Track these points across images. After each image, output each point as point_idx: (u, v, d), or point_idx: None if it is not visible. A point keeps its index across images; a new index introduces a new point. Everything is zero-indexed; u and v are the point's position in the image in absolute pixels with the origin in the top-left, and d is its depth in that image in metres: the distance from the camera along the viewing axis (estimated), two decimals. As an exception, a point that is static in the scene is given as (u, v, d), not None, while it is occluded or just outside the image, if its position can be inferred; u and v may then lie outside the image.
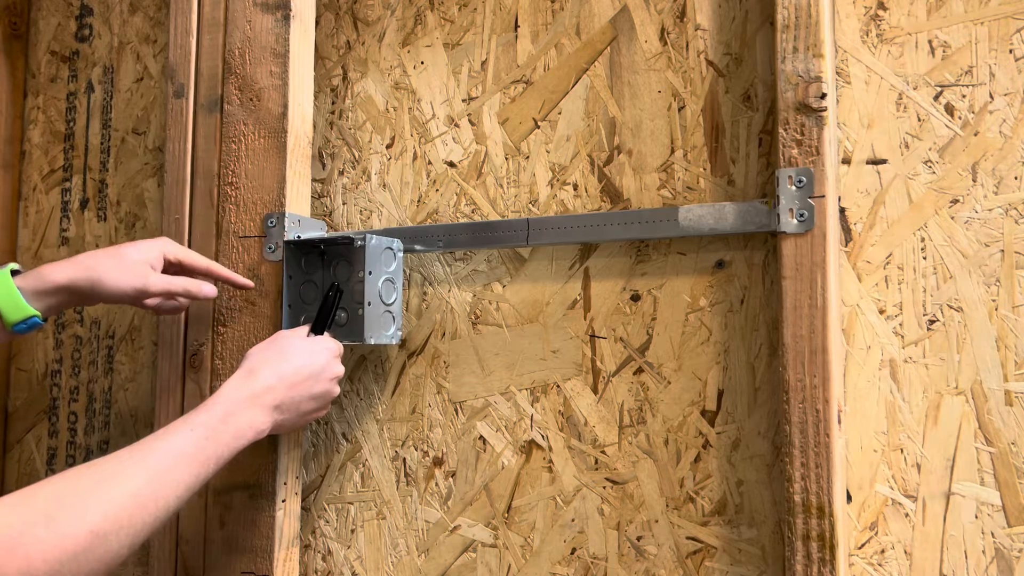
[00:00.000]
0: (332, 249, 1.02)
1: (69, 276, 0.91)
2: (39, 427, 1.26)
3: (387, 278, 0.99)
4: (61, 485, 0.69)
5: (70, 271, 0.91)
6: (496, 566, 0.98)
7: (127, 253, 0.94)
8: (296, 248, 1.01)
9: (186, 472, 0.76)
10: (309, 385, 0.90)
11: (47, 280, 0.90)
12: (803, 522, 0.80)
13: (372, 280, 0.97)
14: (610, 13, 0.98)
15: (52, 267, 0.91)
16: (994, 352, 0.81)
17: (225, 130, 1.07)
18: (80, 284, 0.91)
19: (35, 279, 0.90)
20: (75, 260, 0.93)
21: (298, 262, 1.01)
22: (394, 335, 1.00)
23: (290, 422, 0.89)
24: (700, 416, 0.91)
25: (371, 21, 1.11)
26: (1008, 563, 0.79)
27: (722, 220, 0.88)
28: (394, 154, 1.09)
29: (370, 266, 0.97)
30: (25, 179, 1.32)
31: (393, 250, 1.00)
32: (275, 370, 0.87)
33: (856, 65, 0.87)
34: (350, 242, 0.98)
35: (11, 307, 0.89)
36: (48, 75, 1.31)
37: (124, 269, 0.92)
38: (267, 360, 0.88)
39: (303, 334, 0.93)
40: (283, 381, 0.87)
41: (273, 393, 0.86)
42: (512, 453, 0.99)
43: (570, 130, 0.99)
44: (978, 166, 0.83)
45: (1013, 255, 0.81)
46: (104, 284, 0.91)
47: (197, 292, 0.97)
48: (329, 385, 0.92)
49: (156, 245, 0.96)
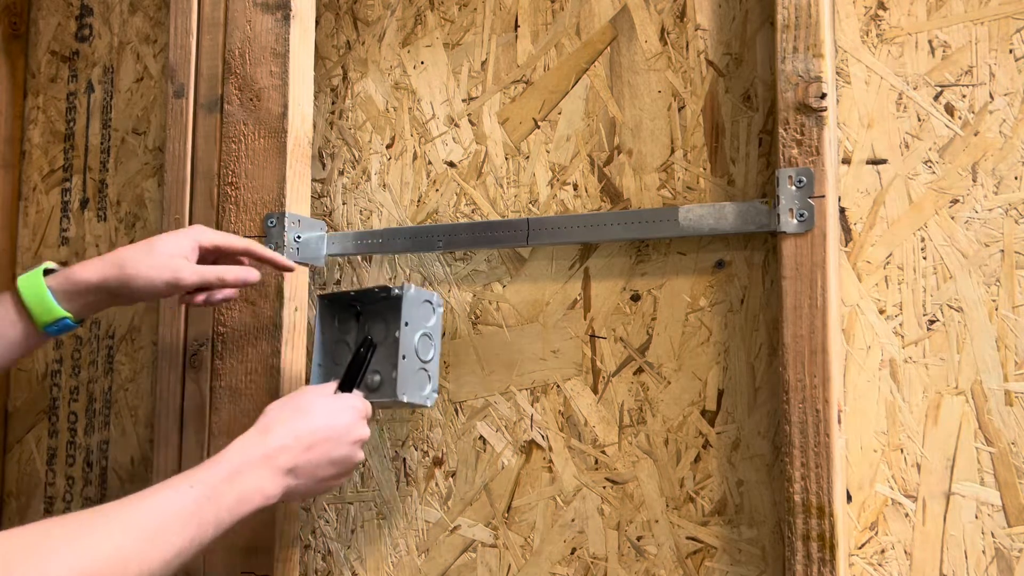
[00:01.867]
0: (369, 308, 0.95)
1: (99, 274, 0.87)
2: (39, 427, 1.26)
3: (425, 333, 0.92)
4: (28, 536, 0.60)
5: (99, 269, 0.87)
6: (496, 566, 0.98)
7: (158, 246, 0.89)
8: (330, 304, 0.96)
9: (179, 534, 0.67)
10: (328, 448, 0.80)
11: (76, 280, 0.87)
12: (803, 522, 0.80)
13: (409, 332, 0.90)
14: (610, 13, 0.98)
15: (82, 266, 0.88)
16: (994, 352, 0.81)
17: (225, 130, 1.07)
18: (110, 282, 0.87)
19: (64, 279, 0.87)
20: (105, 257, 0.89)
21: (332, 319, 0.96)
22: (429, 396, 0.92)
23: (304, 488, 0.80)
24: (700, 416, 0.91)
25: (371, 21, 1.11)
26: (1008, 563, 0.79)
27: (722, 220, 0.88)
28: (394, 154, 1.09)
29: (407, 317, 0.90)
30: (25, 179, 1.32)
31: (432, 304, 0.93)
32: (291, 429, 0.79)
33: (856, 65, 0.87)
34: (387, 292, 0.91)
35: (41, 308, 0.86)
36: (48, 75, 1.31)
37: (155, 264, 0.88)
38: (284, 417, 0.80)
39: (329, 391, 0.85)
40: (300, 441, 0.78)
41: (287, 454, 0.77)
42: (512, 453, 0.99)
43: (570, 130, 0.99)
44: (978, 166, 0.83)
45: (1013, 255, 0.81)
46: (135, 281, 0.87)
47: (233, 280, 0.91)
48: (351, 449, 0.83)
49: (189, 234, 0.91)
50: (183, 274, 0.88)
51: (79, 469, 1.22)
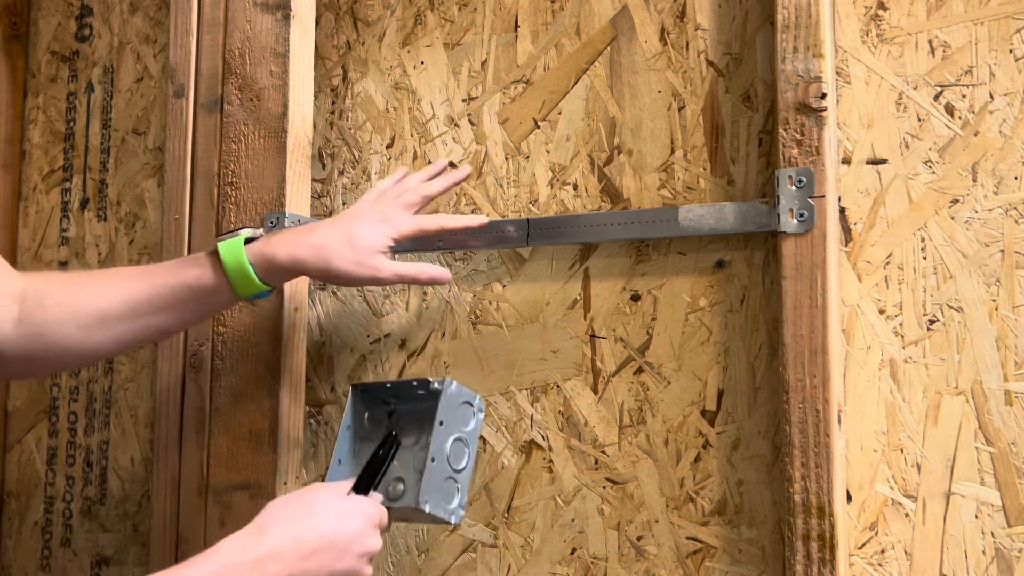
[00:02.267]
0: (402, 407, 0.87)
1: (298, 258, 0.86)
2: (39, 427, 1.26)
3: (460, 438, 0.83)
4: None
5: (301, 253, 0.86)
6: (496, 566, 0.98)
7: (359, 240, 0.87)
8: (363, 394, 0.88)
9: None
10: (331, 559, 0.72)
11: (275, 261, 0.86)
12: (803, 522, 0.80)
13: (442, 433, 0.81)
14: (610, 13, 0.98)
15: (281, 243, 0.87)
16: (994, 352, 0.81)
17: (225, 130, 1.07)
18: (310, 266, 0.87)
19: (264, 259, 0.86)
20: (303, 237, 0.87)
21: (363, 411, 0.88)
22: (455, 512, 0.81)
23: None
24: (700, 416, 0.91)
25: (371, 21, 1.11)
26: (1008, 563, 0.79)
27: (722, 220, 0.88)
28: (394, 154, 1.09)
29: (443, 416, 0.81)
30: (25, 179, 1.32)
31: (473, 407, 0.85)
32: (291, 531, 0.71)
33: (856, 65, 0.87)
34: (425, 387, 0.83)
35: (244, 282, 0.85)
36: (48, 75, 1.31)
37: (357, 260, 0.87)
38: (285, 517, 0.72)
39: (340, 491, 0.77)
40: (298, 548, 0.71)
41: (281, 562, 0.70)
42: (512, 453, 0.99)
43: (570, 130, 0.99)
44: (978, 166, 0.83)
45: (1013, 255, 0.81)
46: (335, 273, 0.87)
47: (427, 280, 0.91)
48: (356, 563, 0.74)
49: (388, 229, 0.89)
50: (382, 275, 0.88)
51: (79, 469, 1.22)
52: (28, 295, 0.83)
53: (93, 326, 0.84)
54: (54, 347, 0.84)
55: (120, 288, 0.85)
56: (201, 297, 0.86)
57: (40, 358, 0.85)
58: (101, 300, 0.84)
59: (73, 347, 0.84)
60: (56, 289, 0.84)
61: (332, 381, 1.09)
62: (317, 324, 1.09)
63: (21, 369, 0.88)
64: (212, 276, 0.86)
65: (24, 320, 0.82)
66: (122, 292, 0.85)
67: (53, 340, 0.83)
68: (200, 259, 0.87)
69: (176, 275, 0.86)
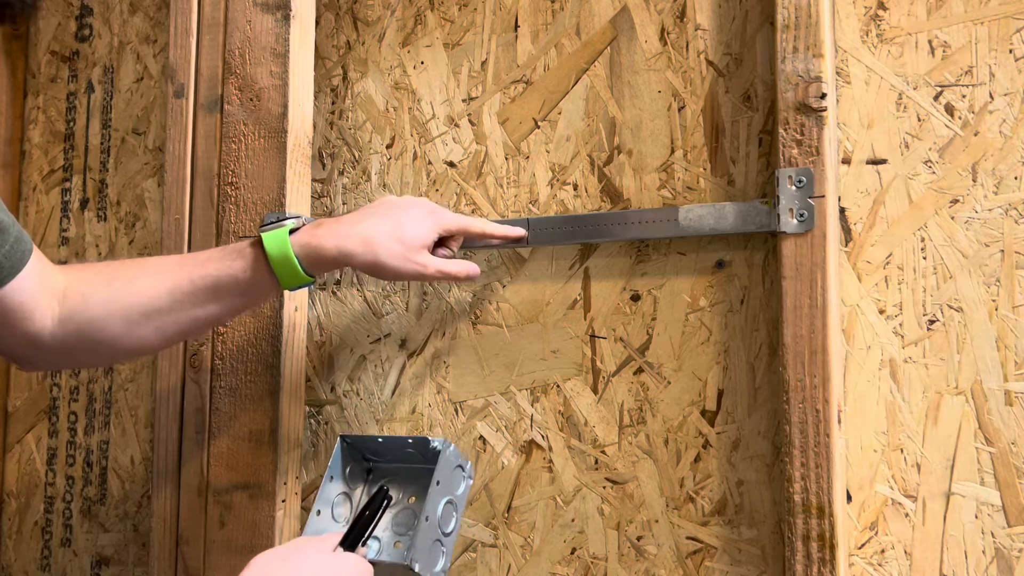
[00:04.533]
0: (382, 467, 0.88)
1: (347, 250, 0.84)
2: (39, 427, 1.26)
3: (451, 501, 0.83)
4: None
5: (349, 245, 0.84)
6: (496, 566, 0.98)
7: (408, 235, 0.86)
8: (349, 447, 0.88)
9: None
10: None
11: (322, 253, 0.84)
12: (803, 522, 0.80)
13: (437, 493, 0.81)
14: (610, 13, 0.98)
15: (329, 235, 0.85)
16: (994, 352, 0.81)
17: (225, 130, 1.07)
18: (358, 260, 0.85)
19: (311, 250, 0.84)
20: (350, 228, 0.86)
21: (344, 466, 0.88)
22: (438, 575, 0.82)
23: None
24: (700, 416, 0.91)
25: (371, 21, 1.11)
26: (1008, 563, 0.79)
27: (722, 220, 0.88)
28: (394, 154, 1.09)
29: (440, 475, 0.81)
30: (25, 179, 1.32)
31: (464, 472, 0.85)
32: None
33: (856, 65, 0.87)
34: (424, 445, 0.83)
35: (289, 274, 0.84)
36: (48, 75, 1.31)
37: (404, 256, 0.85)
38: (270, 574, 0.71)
39: (327, 547, 0.76)
40: None
41: None
42: (512, 453, 0.99)
43: (570, 130, 0.99)
44: (978, 166, 0.83)
45: (1013, 255, 0.81)
46: (383, 268, 0.85)
47: (464, 276, 0.90)
48: None
49: (433, 224, 0.88)
50: (428, 272, 0.87)
51: (79, 469, 1.22)
52: (70, 293, 0.82)
53: (138, 321, 0.83)
54: (99, 343, 0.83)
55: (163, 281, 0.83)
56: (246, 289, 0.85)
57: (84, 352, 0.84)
58: (144, 295, 0.83)
59: (118, 342, 0.83)
60: (99, 287, 0.83)
61: (332, 381, 1.09)
62: (317, 324, 1.09)
63: (64, 361, 0.88)
64: (257, 268, 0.84)
65: (67, 318, 0.81)
66: (166, 286, 0.83)
67: (98, 337, 0.82)
68: (244, 250, 0.85)
69: (220, 267, 0.84)
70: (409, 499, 0.83)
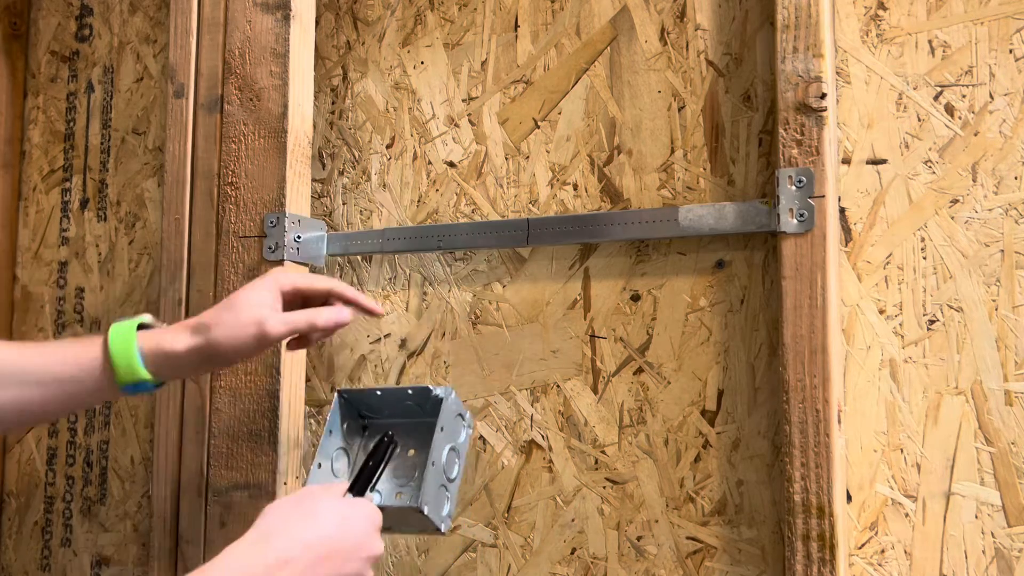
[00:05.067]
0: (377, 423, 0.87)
1: (186, 345, 0.80)
2: (39, 427, 1.26)
3: (453, 448, 0.84)
4: None
5: (187, 340, 0.81)
6: (496, 566, 0.98)
7: (238, 302, 0.82)
8: (347, 403, 0.88)
9: None
10: (338, 564, 0.70)
11: (165, 350, 0.80)
12: (803, 522, 0.80)
13: (442, 439, 0.82)
14: (610, 13, 0.98)
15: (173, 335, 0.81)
16: (994, 352, 0.81)
17: (225, 130, 1.07)
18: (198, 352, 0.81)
19: (155, 345, 0.80)
20: (191, 323, 0.82)
21: (342, 420, 0.88)
22: (446, 520, 0.82)
23: None
24: (700, 416, 0.91)
25: (371, 21, 1.11)
26: (1008, 563, 0.79)
27: (722, 220, 0.88)
28: (394, 154, 1.09)
29: (444, 422, 0.82)
30: (25, 179, 1.32)
31: (464, 421, 0.86)
32: (298, 537, 0.69)
33: (856, 65, 0.87)
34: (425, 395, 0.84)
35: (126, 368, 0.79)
36: (48, 75, 1.31)
37: (239, 322, 0.81)
38: (288, 521, 0.70)
39: (338, 493, 0.76)
40: (308, 553, 0.68)
41: (292, 569, 0.67)
42: (512, 453, 0.99)
43: (570, 130, 0.99)
44: (978, 166, 0.83)
45: (1013, 255, 0.81)
46: (222, 345, 0.80)
47: (325, 324, 0.84)
48: (361, 567, 0.72)
49: (267, 283, 0.84)
50: (268, 326, 0.81)
51: (79, 469, 1.22)
52: None
53: None
54: None
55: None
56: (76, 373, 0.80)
57: None
58: None
59: None
60: None
61: (332, 381, 1.09)
62: (317, 324, 1.09)
63: None
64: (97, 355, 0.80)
65: None
66: None
67: None
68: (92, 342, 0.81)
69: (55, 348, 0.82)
70: (408, 452, 0.83)
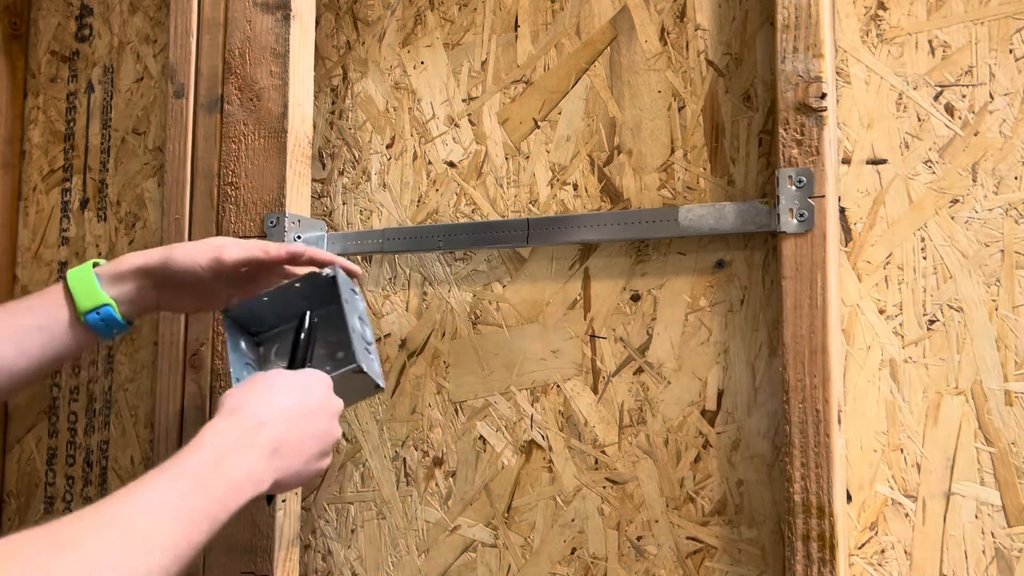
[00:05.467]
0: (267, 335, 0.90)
1: (143, 258, 0.84)
2: (39, 427, 1.26)
3: (359, 316, 0.88)
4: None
5: (144, 253, 0.85)
6: (496, 566, 0.98)
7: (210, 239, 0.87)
8: (234, 321, 0.89)
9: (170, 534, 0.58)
10: (310, 421, 0.73)
11: (120, 264, 0.84)
12: (803, 522, 0.80)
13: (349, 310, 0.85)
14: (610, 13, 0.98)
15: (131, 255, 0.85)
16: (994, 352, 0.81)
17: (225, 130, 1.07)
18: (153, 263, 0.84)
19: (111, 265, 0.84)
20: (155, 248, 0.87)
21: (238, 337, 0.89)
22: (380, 376, 0.86)
23: (293, 472, 0.71)
24: (700, 416, 0.91)
25: (371, 21, 1.11)
26: (1008, 563, 0.79)
27: (722, 220, 0.88)
28: (394, 154, 1.09)
29: (345, 295, 0.86)
30: (25, 179, 1.32)
31: (357, 294, 0.91)
32: (268, 404, 0.71)
33: (856, 65, 0.87)
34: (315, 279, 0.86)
35: (84, 293, 0.81)
36: (48, 75, 1.31)
37: (196, 246, 0.85)
38: (253, 397, 0.71)
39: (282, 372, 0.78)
40: (282, 416, 0.71)
41: (269, 430, 0.69)
42: (512, 453, 0.99)
43: (570, 130, 0.99)
44: (978, 166, 0.83)
45: (1013, 255, 0.81)
46: (177, 262, 0.83)
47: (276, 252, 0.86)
48: (330, 423, 0.76)
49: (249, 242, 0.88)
50: (225, 251, 0.85)
51: (79, 469, 1.22)
52: None
53: None
54: None
55: None
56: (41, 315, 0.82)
57: None
58: None
59: None
60: None
61: (332, 381, 1.09)
62: (317, 324, 1.09)
63: None
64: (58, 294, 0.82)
65: None
66: None
67: None
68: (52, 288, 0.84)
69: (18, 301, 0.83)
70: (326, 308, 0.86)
